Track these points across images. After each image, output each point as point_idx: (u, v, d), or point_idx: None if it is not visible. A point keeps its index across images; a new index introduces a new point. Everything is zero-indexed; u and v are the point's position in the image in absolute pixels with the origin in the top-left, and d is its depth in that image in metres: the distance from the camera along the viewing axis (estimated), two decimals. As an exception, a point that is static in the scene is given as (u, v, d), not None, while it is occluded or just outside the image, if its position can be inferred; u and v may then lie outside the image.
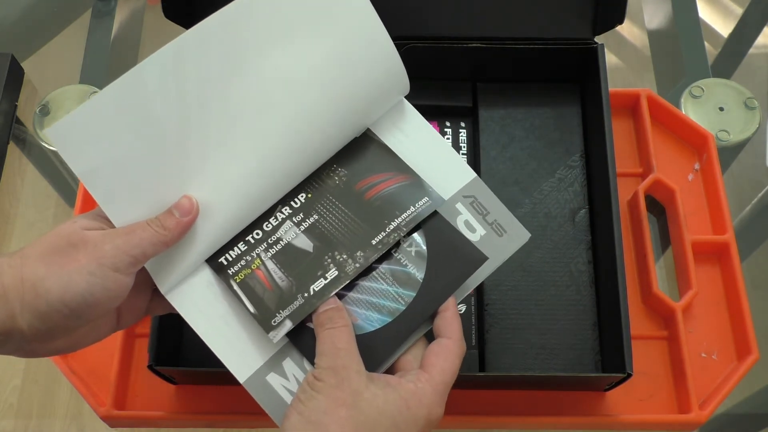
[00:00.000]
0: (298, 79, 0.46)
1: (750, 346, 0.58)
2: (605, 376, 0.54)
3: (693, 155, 0.68)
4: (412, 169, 0.47)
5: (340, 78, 0.46)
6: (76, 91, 0.75)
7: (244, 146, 0.45)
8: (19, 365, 0.80)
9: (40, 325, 0.40)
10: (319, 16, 0.46)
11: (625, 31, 0.92)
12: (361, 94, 0.47)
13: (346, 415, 0.39)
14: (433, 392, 0.42)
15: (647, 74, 0.82)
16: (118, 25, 0.81)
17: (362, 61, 0.47)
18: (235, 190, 0.45)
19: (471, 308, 0.60)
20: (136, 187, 0.43)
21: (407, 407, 0.41)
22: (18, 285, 0.40)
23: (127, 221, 0.43)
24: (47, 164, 0.75)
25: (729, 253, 0.62)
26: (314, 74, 0.46)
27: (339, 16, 0.46)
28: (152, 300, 0.47)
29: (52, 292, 0.39)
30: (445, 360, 0.43)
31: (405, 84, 0.49)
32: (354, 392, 0.40)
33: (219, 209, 0.45)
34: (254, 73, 0.45)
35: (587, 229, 0.61)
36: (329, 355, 0.41)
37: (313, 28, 0.46)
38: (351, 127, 0.48)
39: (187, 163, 0.44)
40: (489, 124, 0.65)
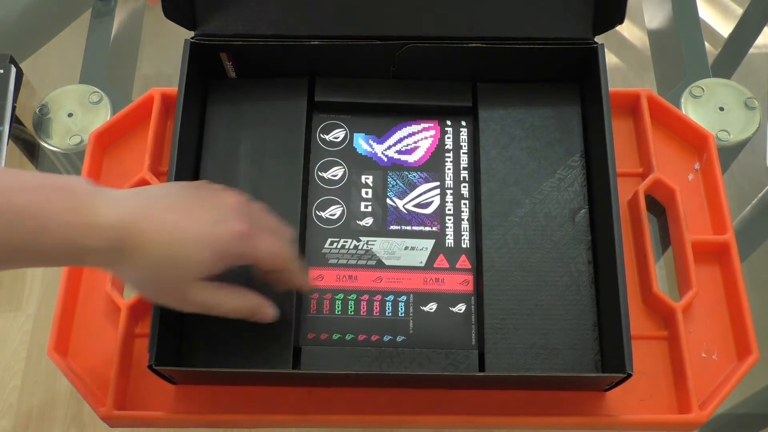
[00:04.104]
0: None
1: (750, 346, 0.58)
2: (605, 376, 0.54)
3: (693, 155, 0.68)
4: None
5: None
6: (76, 91, 0.75)
7: None
8: (19, 366, 0.80)
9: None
10: None
11: (625, 31, 0.92)
12: None
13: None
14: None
15: (647, 74, 0.83)
16: (118, 25, 0.81)
17: None
18: None
19: (471, 308, 0.60)
20: None
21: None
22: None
23: None
24: (47, 164, 0.75)
25: (729, 253, 0.62)
26: None
27: None
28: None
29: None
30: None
31: None
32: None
33: None
34: None
35: (587, 229, 0.61)
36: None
37: None
38: None
39: None
40: (489, 124, 0.65)
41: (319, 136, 0.65)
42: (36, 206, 0.44)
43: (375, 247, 0.62)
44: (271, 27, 0.63)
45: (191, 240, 0.48)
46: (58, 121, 0.73)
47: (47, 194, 0.45)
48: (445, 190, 0.64)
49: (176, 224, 0.48)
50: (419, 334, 0.59)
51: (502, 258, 0.60)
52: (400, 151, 0.65)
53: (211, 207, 0.50)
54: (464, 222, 0.63)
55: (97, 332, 0.61)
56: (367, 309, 0.60)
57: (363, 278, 0.61)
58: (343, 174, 0.64)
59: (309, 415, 0.58)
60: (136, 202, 0.48)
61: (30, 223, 0.44)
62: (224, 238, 0.49)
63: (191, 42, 0.62)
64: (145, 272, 0.49)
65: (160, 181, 0.65)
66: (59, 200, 0.45)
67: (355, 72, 0.66)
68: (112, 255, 0.47)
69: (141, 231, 0.47)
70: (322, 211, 0.63)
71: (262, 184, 0.62)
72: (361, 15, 0.62)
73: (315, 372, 0.57)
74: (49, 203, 0.44)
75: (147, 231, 0.47)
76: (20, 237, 0.44)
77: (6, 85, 0.72)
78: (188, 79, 0.60)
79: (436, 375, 0.57)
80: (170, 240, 0.48)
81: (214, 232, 0.49)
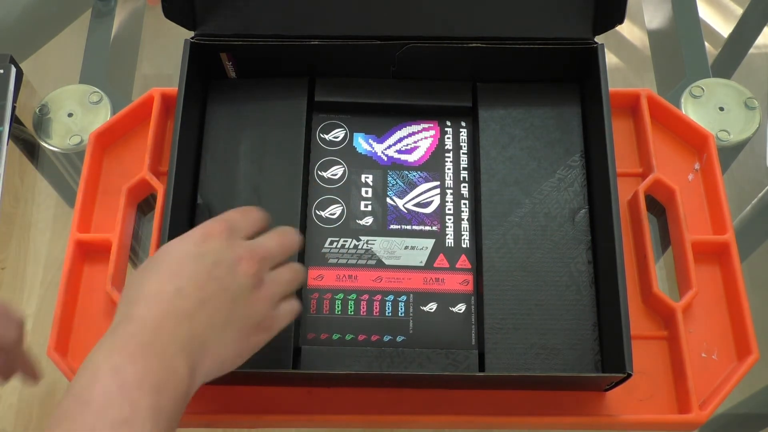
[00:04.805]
0: None
1: (750, 346, 0.58)
2: (605, 376, 0.54)
3: (693, 155, 0.68)
4: None
5: None
6: (76, 91, 0.74)
7: None
8: (19, 365, 0.80)
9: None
10: None
11: (625, 31, 0.92)
12: None
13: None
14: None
15: (647, 74, 0.82)
16: (118, 25, 0.81)
17: None
18: None
19: (471, 308, 0.60)
20: None
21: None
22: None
23: None
24: (47, 164, 0.75)
25: (729, 253, 0.62)
26: None
27: None
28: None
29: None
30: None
31: None
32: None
33: None
34: None
35: (587, 229, 0.61)
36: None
37: None
38: None
39: None
40: (489, 124, 0.65)
41: (319, 135, 0.66)
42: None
43: (375, 247, 0.62)
44: (271, 27, 0.63)
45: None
46: (58, 121, 0.73)
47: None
48: (445, 189, 0.64)
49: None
50: (419, 334, 0.59)
51: (502, 258, 0.60)
52: (400, 151, 0.65)
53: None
54: (464, 222, 0.63)
55: (97, 332, 0.61)
56: (366, 309, 0.60)
57: (363, 278, 0.61)
58: (343, 173, 0.64)
59: (309, 415, 0.58)
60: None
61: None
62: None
63: (191, 42, 0.62)
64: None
65: (160, 180, 0.65)
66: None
67: (355, 72, 0.66)
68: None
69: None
70: (322, 210, 0.63)
71: (262, 183, 0.62)
72: (361, 15, 0.62)
73: (315, 372, 0.57)
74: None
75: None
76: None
77: (6, 85, 0.72)
78: (188, 79, 0.60)
79: (436, 375, 0.57)
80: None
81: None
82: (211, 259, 0.47)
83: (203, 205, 0.62)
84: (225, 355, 0.46)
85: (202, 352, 0.44)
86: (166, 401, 0.40)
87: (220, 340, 0.46)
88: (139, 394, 0.39)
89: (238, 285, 0.47)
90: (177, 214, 0.57)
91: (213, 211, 0.62)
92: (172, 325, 0.44)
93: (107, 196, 0.65)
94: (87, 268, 0.63)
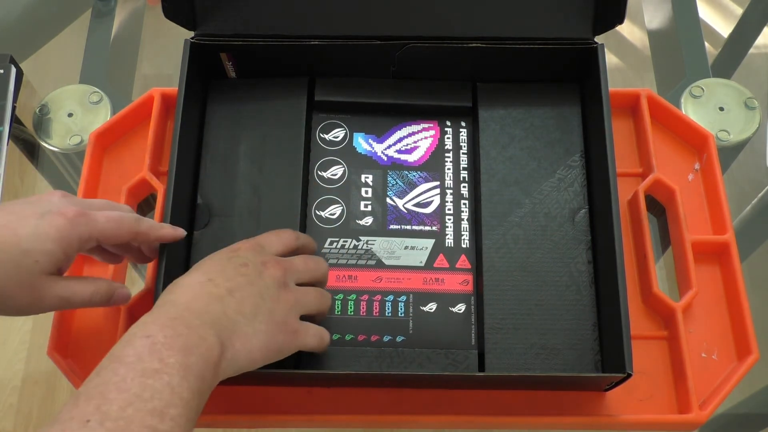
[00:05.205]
0: None
1: (750, 346, 0.58)
2: (605, 376, 0.54)
3: (693, 155, 0.68)
4: None
5: None
6: (76, 91, 0.75)
7: None
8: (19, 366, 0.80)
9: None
10: None
11: (625, 31, 0.92)
12: None
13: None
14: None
15: (647, 74, 0.82)
16: (118, 25, 0.81)
17: None
18: None
19: (470, 308, 0.60)
20: None
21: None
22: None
23: None
24: (47, 164, 0.75)
25: (729, 253, 0.62)
26: None
27: None
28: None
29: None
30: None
31: None
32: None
33: None
34: None
35: (587, 229, 0.61)
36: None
37: None
38: None
39: None
40: (489, 124, 0.65)
41: (319, 135, 0.66)
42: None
43: (375, 247, 0.62)
44: (271, 27, 0.63)
45: (27, 236, 0.47)
46: (58, 121, 0.73)
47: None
48: (444, 189, 0.64)
49: (7, 227, 0.47)
50: (419, 334, 0.59)
51: (502, 258, 0.60)
52: (399, 151, 0.65)
53: (33, 204, 0.49)
54: (464, 222, 0.63)
55: (97, 332, 0.61)
56: (366, 309, 0.60)
57: (363, 278, 0.61)
58: (342, 173, 0.64)
59: (309, 415, 0.58)
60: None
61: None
62: (58, 224, 0.48)
63: (191, 42, 0.62)
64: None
65: (160, 180, 0.65)
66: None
67: (355, 72, 0.66)
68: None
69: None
70: (322, 210, 0.63)
71: (262, 183, 0.62)
72: (361, 15, 0.62)
73: (315, 372, 0.57)
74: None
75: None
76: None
77: (6, 85, 0.72)
78: (188, 79, 0.60)
79: (436, 375, 0.57)
80: (5, 242, 0.47)
81: (44, 222, 0.48)
82: (240, 261, 0.51)
83: (203, 204, 0.62)
84: (254, 342, 0.48)
85: (232, 333, 0.47)
86: (195, 362, 0.43)
87: (249, 326, 0.48)
88: (169, 353, 0.42)
89: (264, 283, 0.50)
90: (177, 214, 0.57)
91: (213, 211, 0.62)
92: (202, 304, 0.47)
93: (107, 196, 0.65)
94: (87, 268, 0.63)
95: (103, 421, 0.38)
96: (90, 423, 0.38)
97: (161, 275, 0.54)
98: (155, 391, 0.40)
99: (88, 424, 0.38)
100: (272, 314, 0.50)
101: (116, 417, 0.39)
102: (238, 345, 0.47)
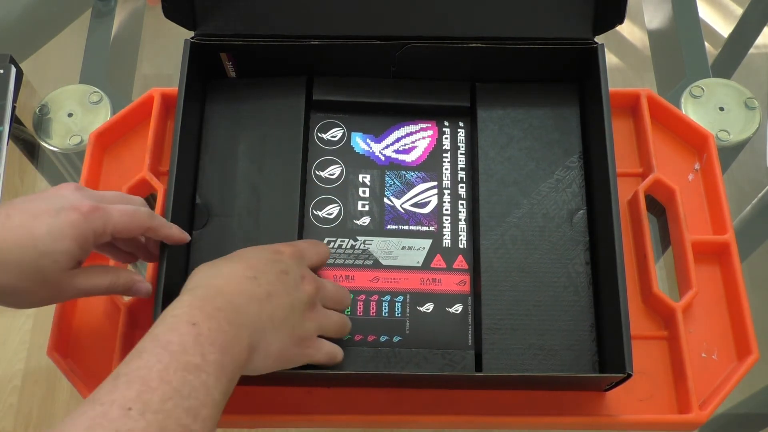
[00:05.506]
0: None
1: (750, 346, 0.58)
2: (605, 376, 0.54)
3: (693, 155, 0.68)
4: None
5: None
6: (76, 91, 0.75)
7: None
8: (19, 366, 0.80)
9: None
10: None
11: (625, 31, 0.92)
12: None
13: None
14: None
15: (647, 74, 0.82)
16: (118, 25, 0.81)
17: None
18: None
19: (468, 308, 0.60)
20: None
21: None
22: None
23: None
24: (47, 164, 0.75)
25: (729, 253, 0.62)
26: None
27: None
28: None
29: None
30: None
31: None
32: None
33: None
34: None
35: (585, 230, 0.61)
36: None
37: None
38: None
39: None
40: (487, 124, 0.65)
41: (317, 134, 0.65)
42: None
43: (372, 247, 0.62)
44: (271, 27, 0.63)
45: (43, 236, 0.47)
46: (58, 121, 0.73)
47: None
48: (442, 190, 0.64)
49: (22, 227, 0.48)
50: (416, 334, 0.59)
51: (500, 258, 0.60)
52: (397, 151, 0.65)
53: (46, 200, 0.49)
54: (461, 222, 0.63)
55: (97, 332, 0.61)
56: (363, 309, 0.60)
57: (360, 278, 0.60)
58: (340, 173, 0.64)
59: (309, 415, 0.58)
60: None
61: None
62: (73, 220, 0.48)
63: (191, 42, 0.62)
64: (11, 282, 0.48)
65: (160, 180, 0.65)
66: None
67: (355, 72, 0.66)
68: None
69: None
70: (320, 210, 0.63)
71: (261, 183, 0.62)
72: (361, 15, 0.62)
73: (314, 372, 0.57)
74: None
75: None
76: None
77: (6, 85, 0.72)
78: (188, 79, 0.60)
79: (436, 375, 0.57)
80: (21, 243, 0.47)
81: (59, 220, 0.48)
82: (282, 267, 0.52)
83: (202, 204, 0.62)
84: (273, 350, 0.49)
85: (260, 338, 0.48)
86: (229, 363, 0.44)
87: (274, 335, 0.49)
88: (211, 349, 0.43)
89: (298, 297, 0.52)
90: (177, 214, 0.57)
91: (212, 211, 0.62)
92: (245, 302, 0.48)
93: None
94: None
95: (144, 411, 0.39)
96: (131, 412, 0.38)
97: (162, 276, 0.54)
98: (193, 389, 0.41)
99: (129, 413, 0.38)
100: (295, 328, 0.51)
101: (156, 409, 0.39)
102: (261, 350, 0.48)
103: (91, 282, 0.51)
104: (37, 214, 0.48)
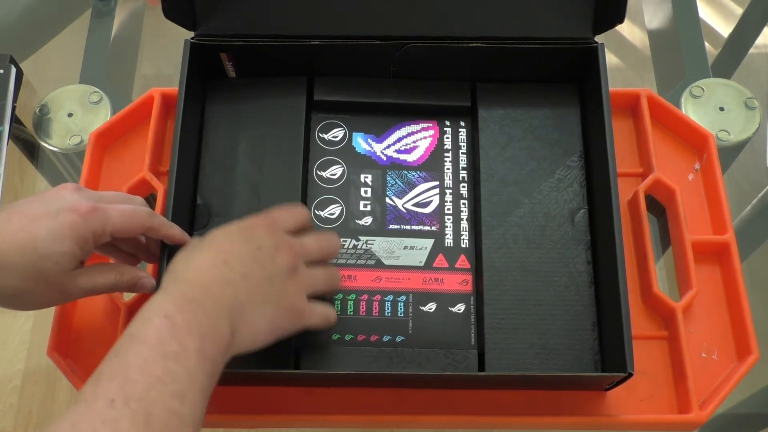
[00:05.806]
0: None
1: (750, 346, 0.58)
2: (606, 375, 0.54)
3: (693, 155, 0.68)
4: None
5: None
6: (76, 91, 0.75)
7: None
8: (19, 366, 0.80)
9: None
10: None
11: (625, 31, 0.92)
12: None
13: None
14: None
15: (647, 74, 0.83)
16: (118, 25, 0.81)
17: None
18: None
19: (470, 308, 0.60)
20: None
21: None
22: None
23: None
24: (47, 164, 0.75)
25: (729, 253, 0.62)
26: None
27: None
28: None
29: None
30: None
31: None
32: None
33: None
34: None
35: (586, 230, 0.61)
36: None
37: None
38: None
39: None
40: (488, 124, 0.65)
41: (318, 135, 0.66)
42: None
43: (374, 247, 0.62)
44: (271, 27, 0.63)
45: (43, 239, 0.48)
46: (58, 121, 0.73)
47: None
48: (444, 189, 0.64)
49: (22, 230, 0.48)
50: (418, 334, 0.59)
51: (501, 258, 0.60)
52: (399, 151, 0.65)
53: (45, 202, 0.50)
54: (463, 222, 0.63)
55: (97, 332, 0.61)
56: (366, 309, 0.60)
57: (362, 278, 0.61)
58: (342, 173, 0.64)
59: (309, 415, 0.58)
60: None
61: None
62: (72, 221, 0.49)
63: (191, 42, 0.62)
64: (14, 285, 0.48)
65: (160, 180, 0.65)
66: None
67: (355, 72, 0.66)
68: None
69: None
70: (321, 210, 0.63)
71: (262, 183, 0.62)
72: (361, 15, 0.62)
73: (315, 372, 0.57)
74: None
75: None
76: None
77: (6, 85, 0.72)
78: (188, 79, 0.61)
79: (436, 375, 0.57)
80: (22, 246, 0.47)
81: (58, 222, 0.48)
82: (255, 244, 0.52)
83: (202, 205, 0.62)
84: (259, 327, 0.49)
85: (241, 319, 0.48)
86: (210, 347, 0.44)
87: (257, 312, 0.49)
88: (188, 336, 0.43)
89: (276, 269, 0.51)
90: (177, 214, 0.57)
91: (212, 212, 0.62)
92: (217, 288, 0.48)
93: (107, 197, 0.65)
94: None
95: (128, 401, 0.39)
96: (115, 403, 0.39)
97: (162, 276, 0.54)
98: (175, 375, 0.41)
99: (113, 404, 0.39)
100: (279, 299, 0.51)
101: (140, 398, 0.39)
102: (244, 330, 0.48)
103: (94, 281, 0.51)
104: (37, 216, 0.48)
